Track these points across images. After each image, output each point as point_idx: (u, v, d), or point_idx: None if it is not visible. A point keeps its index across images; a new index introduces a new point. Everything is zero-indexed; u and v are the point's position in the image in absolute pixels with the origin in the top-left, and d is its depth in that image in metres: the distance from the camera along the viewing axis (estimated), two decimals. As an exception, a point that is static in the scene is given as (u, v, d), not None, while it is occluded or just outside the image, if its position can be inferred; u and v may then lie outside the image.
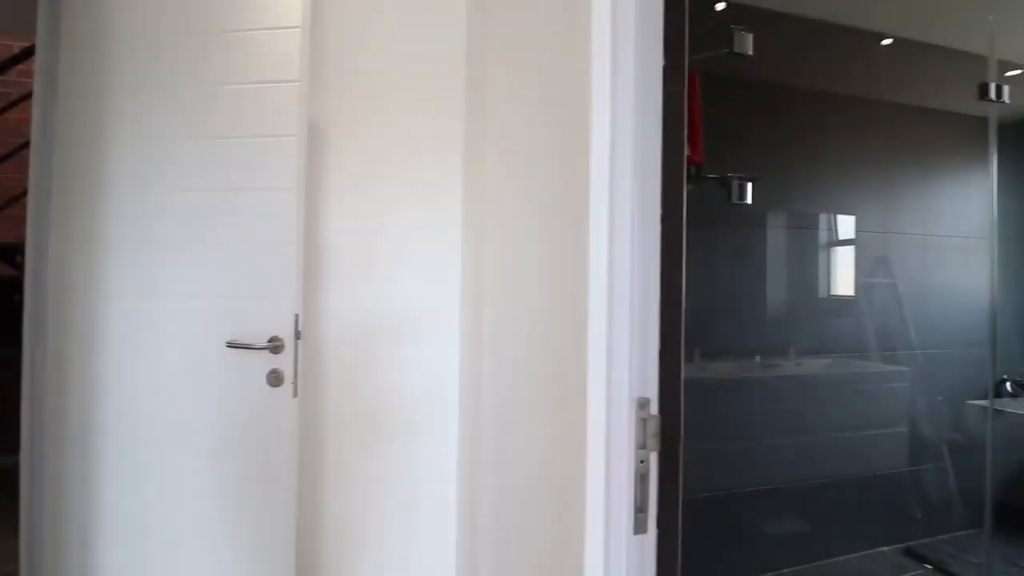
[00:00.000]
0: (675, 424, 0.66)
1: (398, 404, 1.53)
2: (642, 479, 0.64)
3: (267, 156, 1.37)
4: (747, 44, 1.64)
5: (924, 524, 2.60)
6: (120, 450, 1.43)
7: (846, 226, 2.66)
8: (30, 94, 1.58)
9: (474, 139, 1.46)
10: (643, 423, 0.64)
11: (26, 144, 1.59)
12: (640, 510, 0.64)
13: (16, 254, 2.25)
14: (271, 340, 1.31)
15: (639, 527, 0.63)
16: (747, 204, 2.13)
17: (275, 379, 1.32)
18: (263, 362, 1.32)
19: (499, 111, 1.30)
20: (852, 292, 2.65)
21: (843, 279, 2.67)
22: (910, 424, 2.63)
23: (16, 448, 1.49)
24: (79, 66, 1.49)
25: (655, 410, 0.65)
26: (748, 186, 1.96)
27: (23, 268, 1.54)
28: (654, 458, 0.65)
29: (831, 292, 2.66)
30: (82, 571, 1.43)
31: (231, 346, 1.32)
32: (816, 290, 2.64)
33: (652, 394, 0.65)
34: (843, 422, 2.49)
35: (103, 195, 1.45)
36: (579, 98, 0.72)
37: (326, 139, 1.58)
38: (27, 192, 1.53)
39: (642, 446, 0.64)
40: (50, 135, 1.50)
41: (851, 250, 2.67)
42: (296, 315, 1.33)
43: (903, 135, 2.75)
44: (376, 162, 1.56)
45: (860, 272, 2.66)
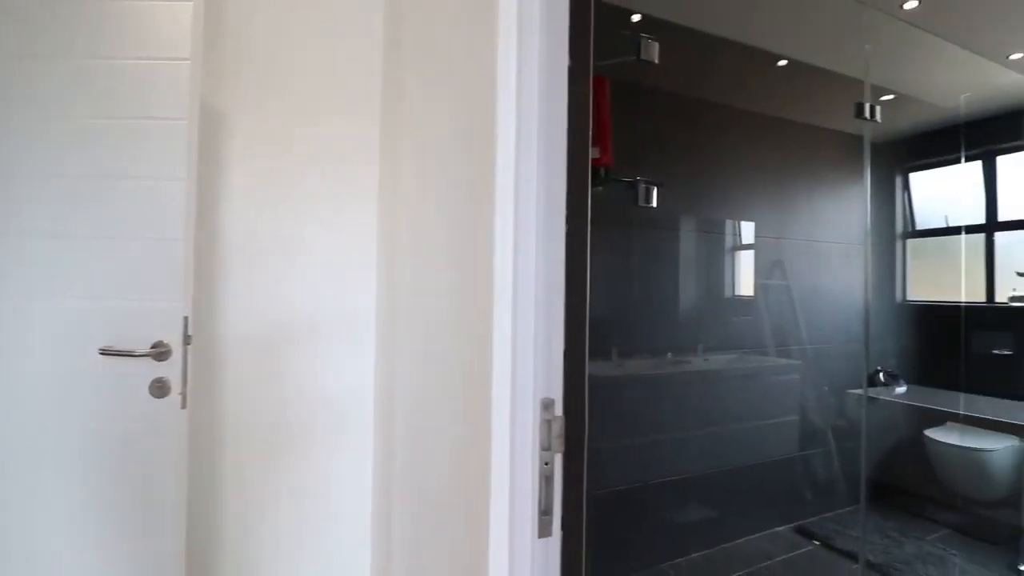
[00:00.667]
0: (579, 424, 0.66)
1: (309, 413, 1.44)
2: (547, 481, 0.63)
3: (152, 141, 1.24)
4: (653, 52, 1.71)
5: (813, 504, 2.86)
6: (-35, 476, 1.22)
7: (747, 232, 2.86)
8: None
9: (390, 135, 1.40)
10: (548, 424, 0.63)
11: None
12: (545, 513, 0.63)
13: None
14: (155, 346, 1.18)
15: (543, 530, 0.63)
16: (653, 208, 2.23)
17: (160, 389, 1.19)
18: (145, 371, 1.18)
19: (415, 109, 1.26)
20: (752, 292, 2.86)
21: (744, 281, 2.87)
22: (801, 413, 2.89)
23: None
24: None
25: (560, 411, 0.64)
26: (654, 190, 2.05)
27: None
28: (559, 459, 0.64)
29: (735, 293, 2.85)
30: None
31: (104, 353, 1.17)
32: (722, 291, 2.82)
33: (557, 395, 0.64)
34: (744, 413, 2.68)
35: (-57, 179, 1.24)
36: (486, 97, 0.71)
37: (227, 126, 1.46)
38: None
39: (547, 448, 0.63)
40: None
41: (751, 254, 2.88)
42: (185, 318, 1.21)
43: (794, 149, 3.02)
44: (286, 153, 1.46)
45: (759, 274, 2.89)
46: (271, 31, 1.46)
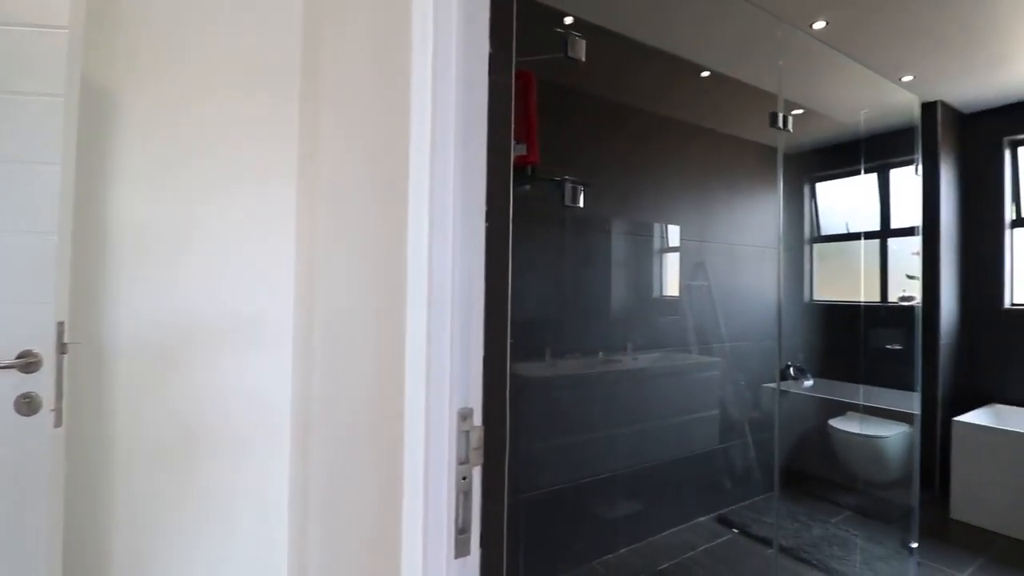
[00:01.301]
0: (500, 434, 0.62)
1: (217, 426, 1.31)
2: (464, 496, 0.59)
3: (22, 119, 1.07)
4: (580, 49, 1.72)
5: (732, 493, 3.01)
6: None
7: (673, 235, 2.97)
8: None
9: (310, 122, 1.31)
10: (465, 436, 0.59)
11: None
12: (462, 531, 0.59)
13: None
14: (21, 356, 1.02)
15: (461, 550, 0.58)
16: (581, 208, 2.26)
17: (28, 406, 1.03)
18: (9, 384, 1.02)
19: (337, 85, 1.17)
20: (677, 293, 2.97)
21: (671, 282, 2.98)
22: (721, 407, 3.03)
23: None
24: None
25: (479, 421, 0.60)
26: (581, 190, 2.06)
27: None
28: (477, 472, 0.60)
29: (662, 293, 2.95)
30: None
31: (-47, 365, 1.00)
32: (650, 291, 2.90)
33: (476, 403, 0.60)
34: (669, 410, 2.77)
35: None
36: (403, 80, 0.65)
37: (119, 106, 1.30)
38: None
39: (464, 461, 0.59)
40: None
41: (677, 256, 2.99)
42: (60, 323, 1.05)
43: (716, 157, 3.17)
44: (190, 137, 1.32)
45: (683, 275, 3.00)
46: (174, 6, 1.32)
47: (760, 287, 3.33)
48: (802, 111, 3.14)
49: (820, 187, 3.97)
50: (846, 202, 3.82)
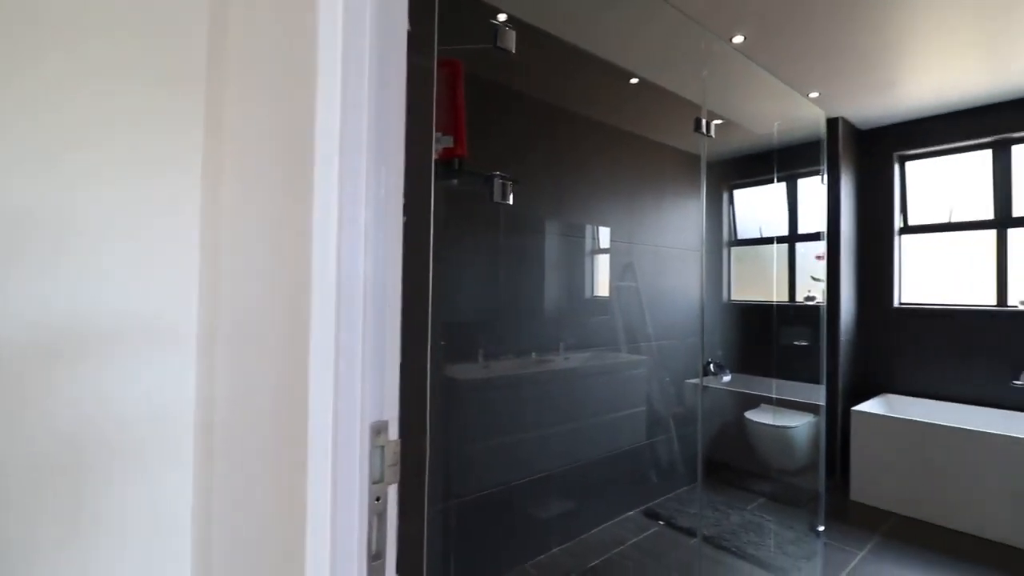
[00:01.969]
0: (419, 447, 0.57)
1: (108, 436, 1.15)
2: (379, 519, 0.53)
3: None
4: (510, 40, 1.68)
5: (658, 487, 3.11)
6: None
7: (604, 236, 3.02)
8: None
9: (215, 106, 1.18)
10: (380, 451, 0.53)
11: None
12: (375, 557, 0.53)
13: None
14: None
15: (374, 578, 0.53)
16: (511, 207, 2.24)
17: None
18: None
19: (241, 73, 1.06)
20: (607, 293, 3.03)
21: (601, 282, 3.03)
22: (647, 404, 3.13)
23: None
24: None
25: (395, 434, 0.55)
26: (510, 187, 2.04)
27: None
28: (393, 491, 0.55)
29: (593, 293, 2.99)
30: None
31: None
32: (582, 292, 2.94)
33: (392, 416, 0.55)
34: (599, 408, 2.82)
35: None
36: (310, 53, 0.58)
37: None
38: None
39: (378, 480, 0.53)
40: None
41: (607, 257, 3.05)
42: None
43: (644, 162, 3.27)
44: (72, 120, 1.15)
45: (613, 276, 3.06)
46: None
47: (684, 287, 3.47)
48: (722, 121, 3.31)
49: (737, 194, 4.21)
50: (760, 208, 4.09)
